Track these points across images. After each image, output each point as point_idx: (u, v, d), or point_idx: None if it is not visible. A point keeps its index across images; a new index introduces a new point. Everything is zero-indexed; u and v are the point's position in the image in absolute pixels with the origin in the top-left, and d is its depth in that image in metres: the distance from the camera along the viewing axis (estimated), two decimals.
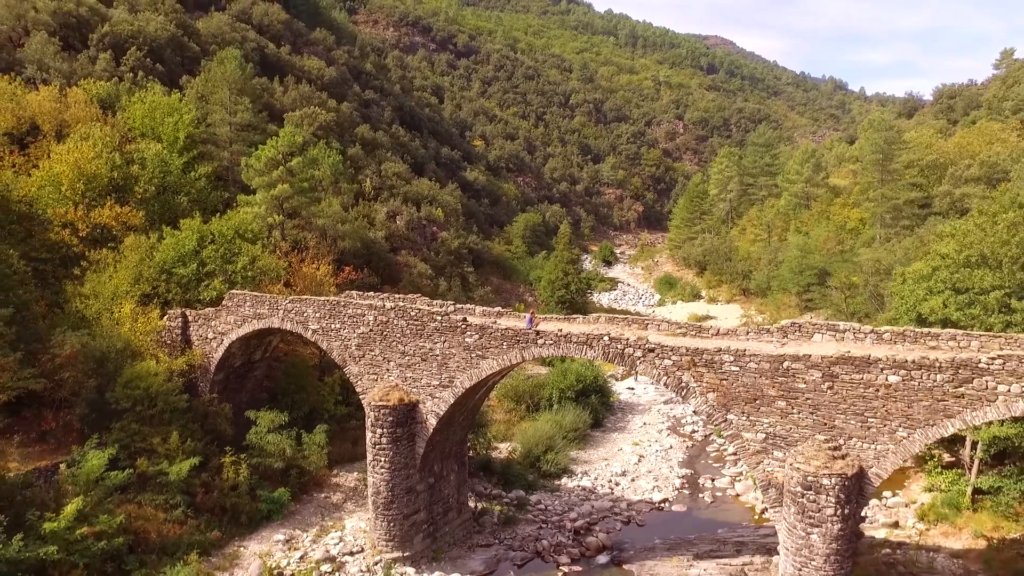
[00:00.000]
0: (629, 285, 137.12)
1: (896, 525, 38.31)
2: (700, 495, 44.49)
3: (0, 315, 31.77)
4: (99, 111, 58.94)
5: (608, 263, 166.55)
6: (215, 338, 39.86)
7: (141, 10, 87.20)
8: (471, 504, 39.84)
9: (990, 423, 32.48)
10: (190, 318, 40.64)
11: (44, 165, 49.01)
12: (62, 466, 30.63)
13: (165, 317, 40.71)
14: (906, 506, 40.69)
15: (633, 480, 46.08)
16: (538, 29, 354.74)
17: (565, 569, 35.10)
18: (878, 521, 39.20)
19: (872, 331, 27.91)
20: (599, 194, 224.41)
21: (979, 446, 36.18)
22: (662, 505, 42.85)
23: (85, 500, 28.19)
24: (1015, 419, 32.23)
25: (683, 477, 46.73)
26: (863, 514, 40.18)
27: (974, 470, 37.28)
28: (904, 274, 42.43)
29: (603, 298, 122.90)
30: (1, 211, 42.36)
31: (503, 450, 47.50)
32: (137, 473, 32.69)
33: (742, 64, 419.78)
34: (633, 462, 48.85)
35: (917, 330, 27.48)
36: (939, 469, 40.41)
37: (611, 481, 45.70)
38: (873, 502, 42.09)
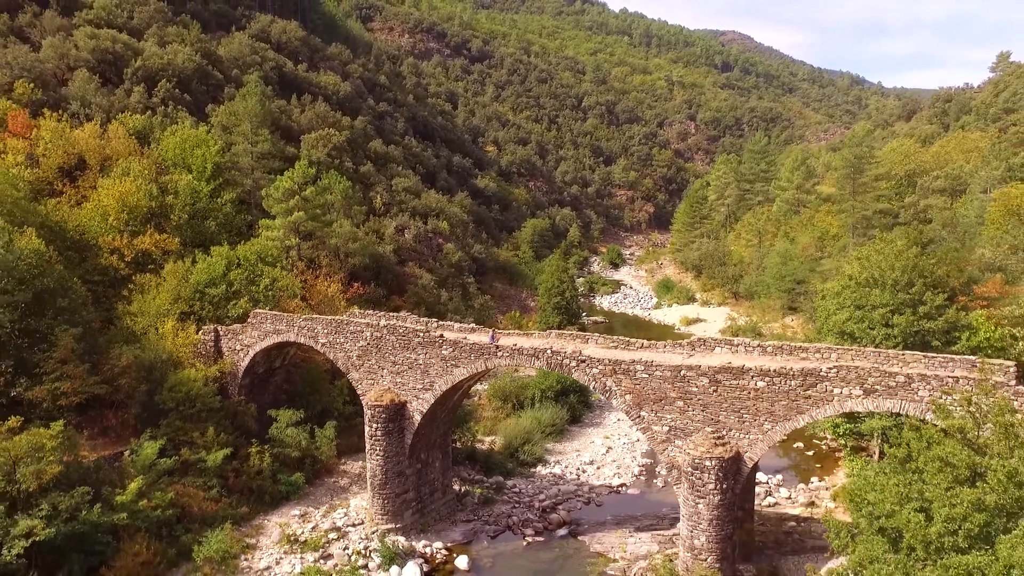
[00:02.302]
0: (631, 288, 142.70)
1: (812, 504, 45.38)
2: (654, 480, 51.69)
3: (73, 334, 39.84)
4: (136, 144, 66.88)
5: (615, 265, 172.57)
6: (242, 349, 47.74)
7: (169, 41, 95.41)
8: (456, 487, 47.45)
9: (870, 417, 39.62)
10: (221, 333, 48.56)
11: (92, 197, 57.04)
12: (125, 454, 38.79)
13: (200, 332, 48.59)
14: (826, 489, 47.74)
15: (599, 468, 53.39)
16: (552, 30, 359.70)
17: (529, 539, 42.51)
18: (798, 501, 46.30)
19: (759, 345, 35.16)
20: (610, 196, 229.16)
21: (876, 436, 43.16)
22: (620, 489, 50.06)
23: (143, 480, 36.20)
24: (894, 414, 39.47)
25: (642, 466, 53.93)
26: (792, 494, 47.67)
27: (875, 456, 44.23)
28: (823, 291, 49.36)
29: (605, 301, 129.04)
30: (60, 239, 50.55)
31: (487, 442, 55.07)
32: (181, 460, 40.73)
33: (757, 61, 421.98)
34: (601, 453, 56.16)
35: (793, 344, 34.71)
36: (851, 457, 47.39)
37: (579, 469, 53.07)
38: (800, 486, 49.28)
